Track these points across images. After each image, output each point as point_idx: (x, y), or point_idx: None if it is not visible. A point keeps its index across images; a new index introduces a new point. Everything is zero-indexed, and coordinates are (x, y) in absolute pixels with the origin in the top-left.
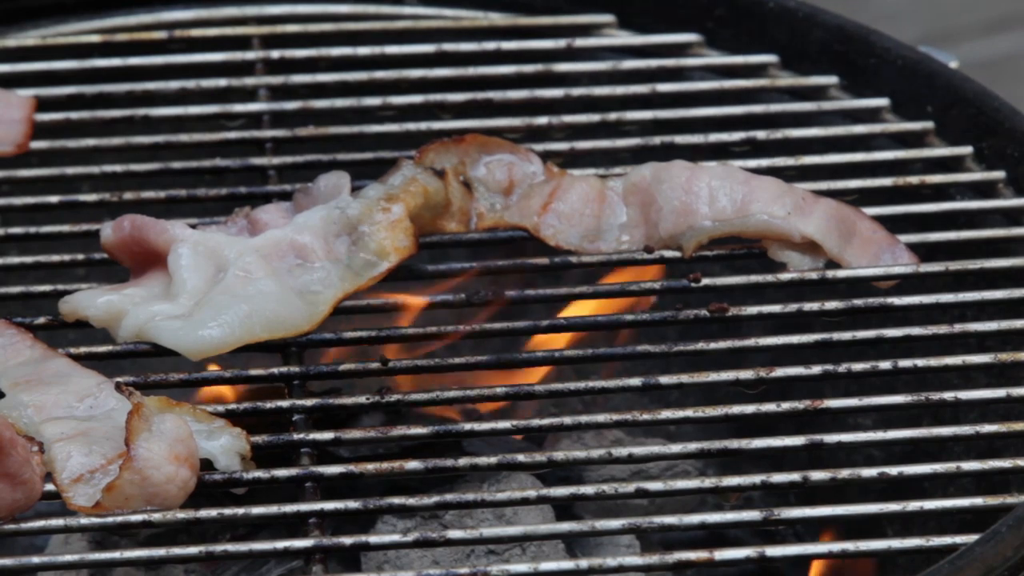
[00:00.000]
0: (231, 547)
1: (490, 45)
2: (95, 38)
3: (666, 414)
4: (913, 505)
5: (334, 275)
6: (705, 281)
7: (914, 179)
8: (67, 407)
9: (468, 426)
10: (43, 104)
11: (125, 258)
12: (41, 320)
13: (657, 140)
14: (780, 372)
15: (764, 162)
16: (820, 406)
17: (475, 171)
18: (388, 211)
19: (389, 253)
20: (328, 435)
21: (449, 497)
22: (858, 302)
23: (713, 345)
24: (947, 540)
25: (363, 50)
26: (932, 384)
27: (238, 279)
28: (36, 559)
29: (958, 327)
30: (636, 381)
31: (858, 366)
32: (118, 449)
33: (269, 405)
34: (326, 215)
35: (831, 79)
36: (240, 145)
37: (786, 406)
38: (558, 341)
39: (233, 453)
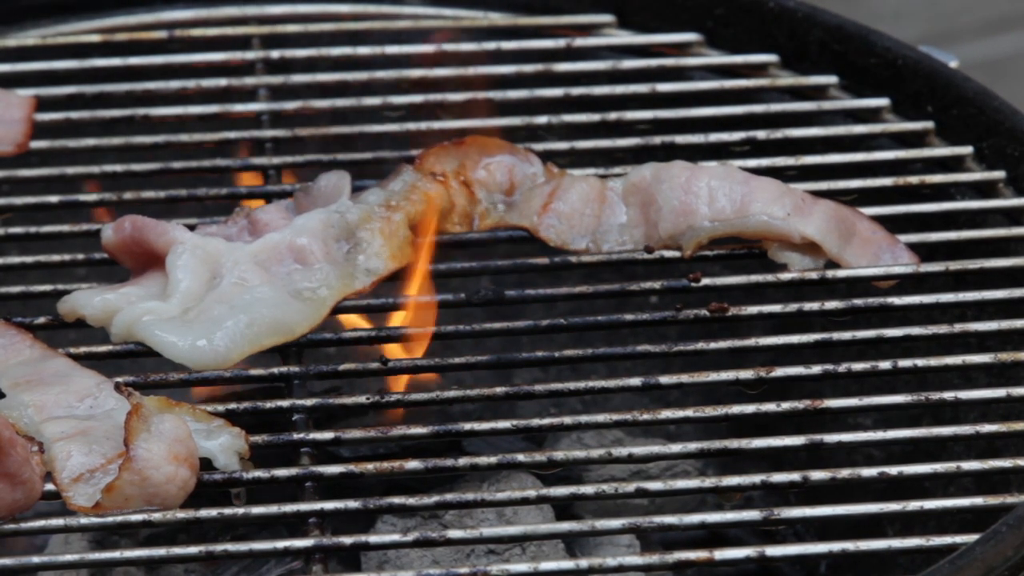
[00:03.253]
0: (231, 547)
1: (490, 45)
2: (95, 38)
3: (666, 414)
4: (913, 505)
5: (332, 276)
6: (705, 281)
7: (914, 179)
8: (67, 407)
9: (468, 426)
10: (43, 104)
11: (126, 258)
12: (41, 320)
13: (657, 140)
14: (780, 372)
15: (764, 162)
16: (820, 406)
17: (475, 173)
18: (387, 219)
19: (387, 260)
20: (328, 435)
21: (449, 497)
22: (858, 302)
23: (713, 345)
24: (947, 540)
25: (363, 50)
26: (932, 384)
27: (234, 287)
28: (36, 559)
29: (958, 327)
30: (636, 381)
31: (858, 366)
32: (118, 448)
33: (269, 405)
34: (325, 219)
35: (831, 79)
36: (240, 145)
37: (786, 406)
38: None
39: (232, 452)
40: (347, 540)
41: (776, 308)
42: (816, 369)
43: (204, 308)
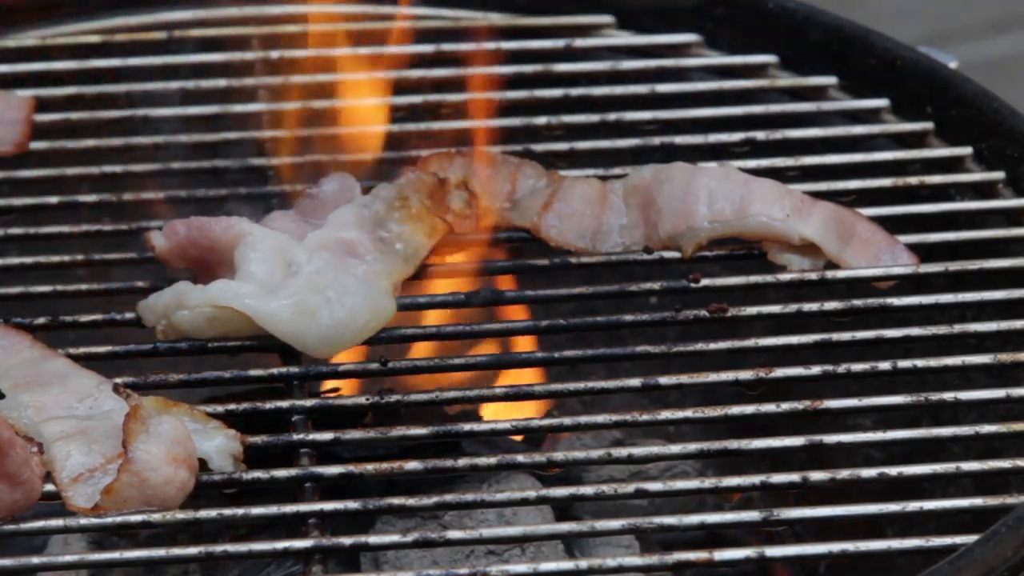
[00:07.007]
0: (231, 548)
1: (489, 45)
2: (95, 38)
3: (666, 415)
4: (913, 505)
5: (386, 264)
6: (705, 282)
7: (913, 180)
8: (67, 407)
9: (468, 426)
10: (43, 104)
11: (181, 262)
12: (41, 320)
13: (657, 140)
14: (780, 372)
15: (764, 162)
16: (820, 406)
17: (477, 179)
18: (408, 208)
19: (423, 239)
20: (328, 435)
21: (449, 497)
22: (857, 303)
23: (713, 346)
24: (947, 540)
25: (363, 50)
26: (932, 384)
27: (314, 276)
28: (36, 559)
29: (958, 327)
30: (636, 381)
31: (857, 366)
32: (118, 448)
33: (268, 406)
34: (357, 213)
35: (830, 79)
36: (240, 145)
37: (786, 406)
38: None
39: (227, 455)
40: (347, 541)
41: (776, 309)
42: (816, 370)
43: (298, 295)
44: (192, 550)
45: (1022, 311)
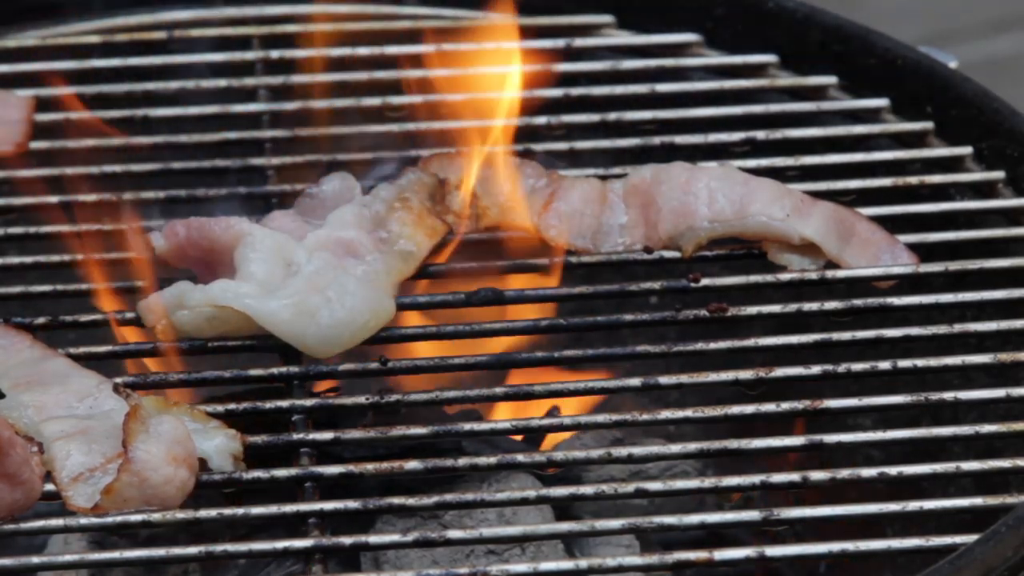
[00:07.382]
0: (231, 547)
1: (490, 45)
2: (95, 38)
3: (666, 414)
4: (913, 505)
5: (385, 263)
6: (704, 281)
7: (913, 179)
8: (67, 407)
9: (468, 426)
10: (43, 104)
11: (181, 263)
12: (41, 320)
13: (657, 140)
14: (780, 372)
15: (764, 162)
16: (820, 406)
17: (477, 179)
18: (409, 208)
19: (423, 239)
20: (328, 435)
21: (449, 497)
22: (858, 302)
23: (712, 345)
24: (947, 540)
25: (362, 50)
26: (932, 384)
27: (315, 276)
28: (36, 559)
29: (958, 327)
30: (636, 381)
31: (857, 366)
32: (118, 448)
33: (269, 405)
34: (357, 212)
35: (830, 79)
36: (240, 145)
37: (786, 406)
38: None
39: (226, 454)
40: (347, 540)
41: (776, 308)
42: (816, 369)
43: (300, 294)
44: (192, 550)
45: (1022, 311)
